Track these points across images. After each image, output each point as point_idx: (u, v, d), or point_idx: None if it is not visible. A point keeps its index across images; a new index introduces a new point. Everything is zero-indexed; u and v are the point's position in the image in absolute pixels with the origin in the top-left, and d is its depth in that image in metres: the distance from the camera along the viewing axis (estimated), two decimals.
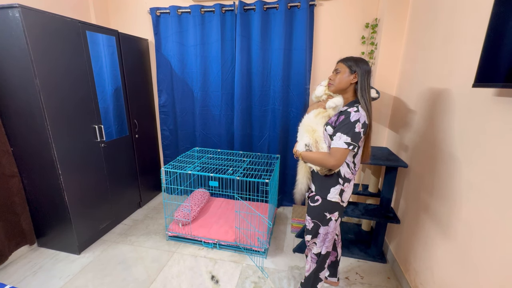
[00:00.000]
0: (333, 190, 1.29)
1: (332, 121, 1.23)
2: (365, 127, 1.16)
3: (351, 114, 1.15)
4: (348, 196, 1.34)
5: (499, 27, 0.90)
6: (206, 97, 2.61)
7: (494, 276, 0.98)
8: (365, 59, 1.25)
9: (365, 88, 1.21)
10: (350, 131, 1.14)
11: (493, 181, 1.00)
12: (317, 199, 1.34)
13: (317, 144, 1.28)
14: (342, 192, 1.29)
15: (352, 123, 1.14)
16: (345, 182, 1.28)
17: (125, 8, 2.64)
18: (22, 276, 1.77)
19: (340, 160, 1.16)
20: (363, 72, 1.20)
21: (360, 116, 1.14)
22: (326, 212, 1.33)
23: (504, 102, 0.97)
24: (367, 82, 1.21)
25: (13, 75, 1.61)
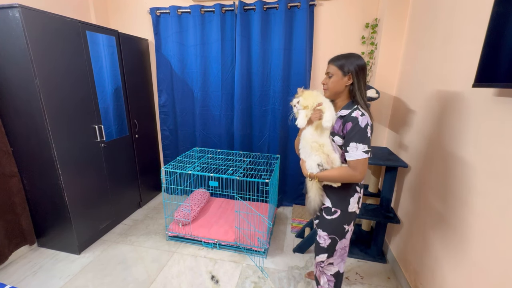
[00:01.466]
0: (352, 201, 1.21)
1: (338, 130, 1.14)
2: (372, 128, 1.11)
3: (359, 119, 1.07)
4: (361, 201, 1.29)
5: (499, 27, 0.90)
6: (206, 97, 2.61)
7: (494, 276, 0.98)
8: (356, 54, 1.14)
9: (362, 87, 1.12)
10: (365, 139, 1.07)
11: (493, 181, 1.00)
12: (335, 211, 1.23)
13: (328, 159, 1.16)
14: (359, 199, 1.24)
15: (363, 129, 1.06)
16: (361, 188, 1.24)
17: (125, 8, 2.64)
18: (22, 276, 1.77)
19: (364, 171, 1.10)
20: (357, 70, 1.11)
21: (368, 119, 1.08)
22: (345, 224, 1.24)
23: (504, 102, 0.97)
24: (363, 80, 1.12)
25: (13, 75, 1.61)
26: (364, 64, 1.12)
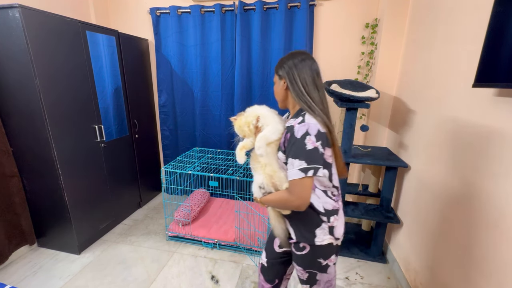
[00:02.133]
0: (320, 232, 0.95)
1: (281, 144, 0.92)
2: (323, 137, 0.85)
3: (295, 128, 0.86)
4: (342, 229, 1.00)
5: (499, 27, 0.90)
6: (206, 97, 2.61)
7: (494, 275, 0.98)
8: (295, 52, 0.95)
9: (300, 88, 0.90)
10: (301, 153, 0.83)
11: (493, 181, 1.00)
12: (303, 247, 0.99)
13: (270, 181, 0.95)
14: (333, 229, 0.96)
15: (300, 140, 0.84)
16: (331, 216, 0.95)
17: (125, 8, 2.64)
18: (22, 276, 1.77)
19: (301, 195, 0.85)
20: (289, 70, 0.91)
21: (309, 127, 0.84)
22: (320, 259, 0.99)
23: (504, 102, 0.97)
24: (301, 80, 0.90)
25: (13, 75, 1.61)
26: (298, 60, 0.91)
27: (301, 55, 0.92)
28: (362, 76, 2.29)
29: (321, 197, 0.94)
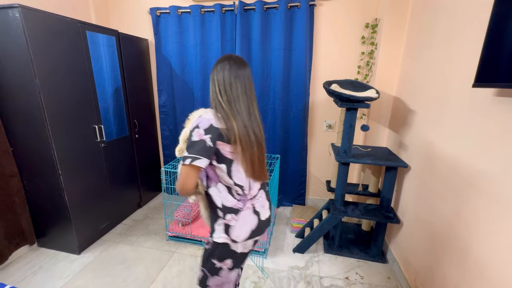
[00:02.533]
0: (217, 228, 0.98)
1: None
2: (215, 132, 0.88)
3: (190, 122, 0.94)
4: (243, 233, 0.97)
5: (499, 27, 0.90)
6: (206, 97, 2.61)
7: (494, 276, 0.98)
8: (225, 56, 0.97)
9: (216, 88, 0.93)
10: (188, 143, 0.89)
11: (493, 181, 1.00)
12: (208, 241, 1.03)
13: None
14: (229, 228, 0.96)
15: (190, 133, 0.90)
16: (228, 213, 0.96)
17: (125, 8, 2.64)
18: (22, 276, 1.77)
19: (180, 181, 0.89)
20: (213, 72, 0.96)
21: (200, 121, 0.88)
22: (214, 259, 1.00)
23: (504, 102, 0.97)
24: (218, 81, 0.93)
25: (13, 75, 1.61)
26: (220, 63, 0.95)
27: (226, 59, 0.95)
28: (362, 76, 2.29)
29: (222, 192, 0.97)
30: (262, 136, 1.00)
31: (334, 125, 2.52)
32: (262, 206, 1.05)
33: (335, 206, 1.95)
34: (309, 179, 2.73)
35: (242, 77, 0.94)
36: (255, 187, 1.03)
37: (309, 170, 2.70)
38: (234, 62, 0.95)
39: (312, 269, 1.87)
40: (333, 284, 1.74)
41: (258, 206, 1.03)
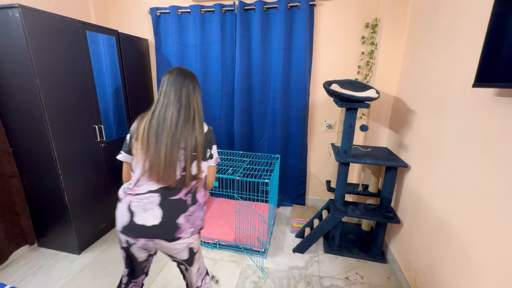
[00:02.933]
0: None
1: None
2: (131, 131, 1.08)
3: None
4: (117, 226, 1.08)
5: (499, 27, 0.90)
6: (206, 97, 2.61)
7: (494, 276, 0.98)
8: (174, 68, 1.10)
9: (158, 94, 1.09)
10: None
11: (493, 181, 1.00)
12: None
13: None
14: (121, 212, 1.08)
15: None
16: (118, 200, 1.11)
17: (125, 8, 2.64)
18: (22, 276, 1.77)
19: (122, 170, 1.16)
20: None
21: (132, 127, 1.09)
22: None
23: (504, 102, 0.97)
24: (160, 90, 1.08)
25: (13, 75, 1.61)
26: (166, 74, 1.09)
27: (169, 71, 1.08)
28: (362, 76, 2.29)
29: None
30: (177, 143, 1.02)
31: (334, 125, 2.52)
32: (143, 209, 1.03)
33: (335, 206, 1.95)
34: (309, 179, 2.73)
35: (178, 86, 1.05)
36: (145, 187, 1.05)
37: (309, 170, 2.70)
38: (176, 73, 1.07)
39: (312, 269, 1.87)
40: (333, 284, 1.74)
41: (136, 206, 1.04)
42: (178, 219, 1.05)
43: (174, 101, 1.04)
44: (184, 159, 1.04)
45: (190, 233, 1.09)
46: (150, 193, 1.04)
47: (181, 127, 1.04)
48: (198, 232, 1.16)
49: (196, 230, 1.12)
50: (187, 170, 1.05)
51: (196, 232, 1.13)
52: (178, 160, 1.03)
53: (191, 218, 1.09)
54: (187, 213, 1.07)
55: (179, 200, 1.07)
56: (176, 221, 1.05)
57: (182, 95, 1.05)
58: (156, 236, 1.04)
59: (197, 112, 1.09)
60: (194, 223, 1.10)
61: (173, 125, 1.03)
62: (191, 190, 1.10)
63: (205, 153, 1.14)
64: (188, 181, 1.07)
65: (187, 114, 1.06)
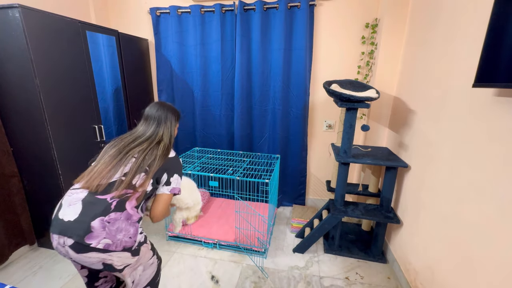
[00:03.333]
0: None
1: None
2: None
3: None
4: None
5: (499, 27, 0.90)
6: (206, 97, 2.61)
7: (494, 276, 0.98)
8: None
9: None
10: None
11: (493, 181, 1.00)
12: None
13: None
14: None
15: None
16: None
17: (125, 8, 2.64)
18: (22, 276, 1.77)
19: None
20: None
21: None
22: None
23: (504, 102, 0.97)
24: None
25: (13, 75, 1.61)
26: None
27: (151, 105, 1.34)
28: (362, 76, 2.29)
29: None
30: (130, 151, 1.12)
31: (334, 125, 2.52)
32: (69, 203, 1.00)
33: (335, 206, 1.95)
34: (309, 179, 2.73)
35: (157, 115, 1.26)
36: (81, 183, 1.06)
37: (309, 170, 2.70)
38: (152, 105, 1.30)
39: (312, 269, 1.87)
40: (333, 284, 1.74)
41: (65, 200, 1.02)
42: (92, 221, 0.94)
43: (149, 124, 1.23)
44: (130, 167, 1.07)
45: (103, 245, 0.94)
46: (81, 188, 1.04)
47: (142, 141, 1.16)
48: (124, 251, 0.99)
49: (115, 246, 0.96)
50: (128, 176, 1.05)
51: (116, 249, 0.96)
52: (124, 165, 1.08)
53: (109, 226, 0.96)
54: (106, 218, 0.96)
55: (103, 201, 0.99)
56: (90, 223, 0.94)
57: (160, 121, 1.24)
58: (65, 234, 0.94)
59: (166, 137, 1.22)
60: (113, 235, 0.96)
61: (135, 137, 1.17)
62: (122, 196, 1.02)
63: (160, 176, 1.14)
64: (123, 186, 1.02)
65: (155, 134, 1.20)
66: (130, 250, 1.01)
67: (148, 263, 1.14)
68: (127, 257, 1.01)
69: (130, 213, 1.03)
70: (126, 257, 1.01)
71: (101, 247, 0.94)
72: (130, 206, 1.04)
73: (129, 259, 1.02)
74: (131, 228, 1.02)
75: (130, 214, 1.03)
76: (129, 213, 1.03)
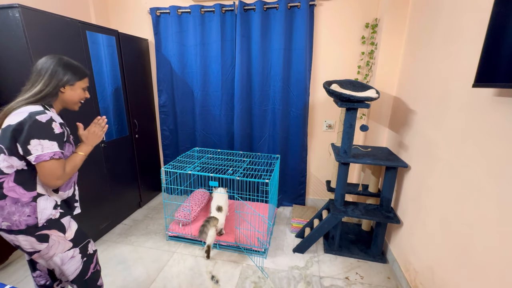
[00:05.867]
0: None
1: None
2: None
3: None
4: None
5: (499, 27, 0.90)
6: (206, 97, 2.61)
7: (494, 276, 0.98)
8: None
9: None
10: None
11: (494, 181, 1.00)
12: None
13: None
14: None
15: None
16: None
17: (125, 8, 2.64)
18: (22, 276, 1.76)
19: None
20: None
21: None
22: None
23: (504, 102, 0.97)
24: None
25: (13, 75, 1.61)
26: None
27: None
28: (362, 76, 2.29)
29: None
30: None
31: (334, 125, 2.52)
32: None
33: (335, 206, 1.95)
34: (309, 179, 2.73)
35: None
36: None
37: (309, 170, 2.70)
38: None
39: (312, 269, 1.87)
40: (333, 284, 1.74)
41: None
42: None
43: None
44: None
45: (6, 226, 1.00)
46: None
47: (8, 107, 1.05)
48: (29, 235, 1.02)
49: (16, 225, 1.00)
50: None
51: (19, 228, 1.00)
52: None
53: (1, 212, 1.00)
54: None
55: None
56: None
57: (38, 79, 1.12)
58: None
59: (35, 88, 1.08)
60: (8, 217, 0.99)
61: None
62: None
63: (13, 148, 0.99)
64: None
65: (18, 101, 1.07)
66: (34, 234, 1.03)
67: (66, 255, 1.13)
68: (34, 241, 1.04)
69: (14, 197, 1.01)
70: (33, 242, 1.04)
71: (4, 227, 1.01)
72: (9, 189, 1.00)
73: (37, 245, 1.05)
74: (25, 208, 1.02)
75: (14, 198, 1.01)
76: (12, 197, 1.01)
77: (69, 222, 1.17)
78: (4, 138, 0.99)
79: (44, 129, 1.00)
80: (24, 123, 0.97)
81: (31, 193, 1.03)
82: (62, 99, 1.15)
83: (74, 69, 1.16)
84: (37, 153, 0.98)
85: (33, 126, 0.97)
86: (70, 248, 1.15)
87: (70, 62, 1.17)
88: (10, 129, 0.97)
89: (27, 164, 1.02)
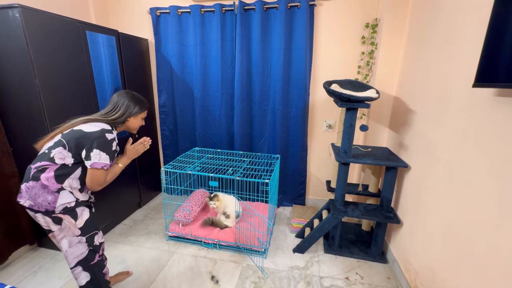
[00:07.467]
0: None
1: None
2: None
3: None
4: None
5: (499, 27, 0.90)
6: (206, 97, 2.61)
7: (494, 276, 0.98)
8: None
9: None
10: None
11: (494, 181, 1.00)
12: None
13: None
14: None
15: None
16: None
17: (125, 8, 2.64)
18: (22, 276, 1.77)
19: None
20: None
21: None
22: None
23: (504, 102, 0.97)
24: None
25: (13, 75, 1.61)
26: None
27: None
28: (362, 76, 2.29)
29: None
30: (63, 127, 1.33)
31: (334, 125, 2.52)
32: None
33: (335, 206, 1.95)
34: (309, 179, 2.73)
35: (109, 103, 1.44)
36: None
37: (309, 170, 2.70)
38: (118, 93, 1.45)
39: (312, 269, 1.87)
40: (333, 284, 1.74)
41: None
42: (22, 185, 1.19)
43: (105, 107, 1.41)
44: (54, 141, 1.22)
45: (28, 205, 1.17)
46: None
47: (80, 121, 1.28)
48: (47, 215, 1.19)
49: (38, 207, 1.17)
50: (50, 150, 1.20)
51: (40, 209, 1.17)
52: (52, 139, 1.24)
53: (29, 191, 1.16)
54: (27, 184, 1.17)
55: (29, 169, 1.20)
56: (21, 186, 1.19)
57: (116, 107, 1.39)
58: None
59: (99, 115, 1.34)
60: (33, 198, 1.16)
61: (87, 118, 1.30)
62: (39, 167, 1.18)
63: (79, 151, 1.21)
64: (44, 158, 1.19)
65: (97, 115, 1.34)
66: (51, 216, 1.20)
67: (73, 239, 1.27)
68: (50, 222, 1.21)
69: (44, 184, 1.17)
70: (49, 222, 1.21)
71: (27, 205, 1.18)
72: (45, 177, 1.17)
73: (52, 225, 1.22)
74: (49, 196, 1.17)
75: (45, 184, 1.17)
76: (43, 183, 1.17)
77: (82, 211, 1.29)
78: (71, 136, 1.21)
79: (107, 145, 1.25)
80: (95, 134, 1.22)
81: (58, 185, 1.20)
82: (126, 125, 1.42)
83: (141, 103, 1.43)
84: (94, 160, 1.21)
85: (100, 139, 1.23)
86: (78, 235, 1.28)
87: (139, 97, 1.44)
88: (81, 134, 1.21)
89: (74, 163, 1.22)
